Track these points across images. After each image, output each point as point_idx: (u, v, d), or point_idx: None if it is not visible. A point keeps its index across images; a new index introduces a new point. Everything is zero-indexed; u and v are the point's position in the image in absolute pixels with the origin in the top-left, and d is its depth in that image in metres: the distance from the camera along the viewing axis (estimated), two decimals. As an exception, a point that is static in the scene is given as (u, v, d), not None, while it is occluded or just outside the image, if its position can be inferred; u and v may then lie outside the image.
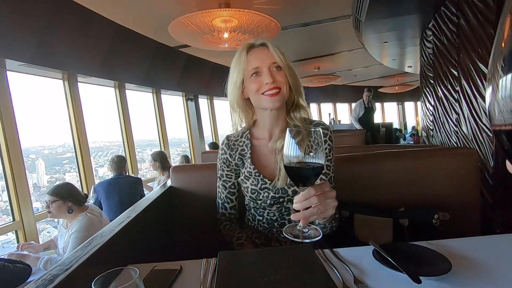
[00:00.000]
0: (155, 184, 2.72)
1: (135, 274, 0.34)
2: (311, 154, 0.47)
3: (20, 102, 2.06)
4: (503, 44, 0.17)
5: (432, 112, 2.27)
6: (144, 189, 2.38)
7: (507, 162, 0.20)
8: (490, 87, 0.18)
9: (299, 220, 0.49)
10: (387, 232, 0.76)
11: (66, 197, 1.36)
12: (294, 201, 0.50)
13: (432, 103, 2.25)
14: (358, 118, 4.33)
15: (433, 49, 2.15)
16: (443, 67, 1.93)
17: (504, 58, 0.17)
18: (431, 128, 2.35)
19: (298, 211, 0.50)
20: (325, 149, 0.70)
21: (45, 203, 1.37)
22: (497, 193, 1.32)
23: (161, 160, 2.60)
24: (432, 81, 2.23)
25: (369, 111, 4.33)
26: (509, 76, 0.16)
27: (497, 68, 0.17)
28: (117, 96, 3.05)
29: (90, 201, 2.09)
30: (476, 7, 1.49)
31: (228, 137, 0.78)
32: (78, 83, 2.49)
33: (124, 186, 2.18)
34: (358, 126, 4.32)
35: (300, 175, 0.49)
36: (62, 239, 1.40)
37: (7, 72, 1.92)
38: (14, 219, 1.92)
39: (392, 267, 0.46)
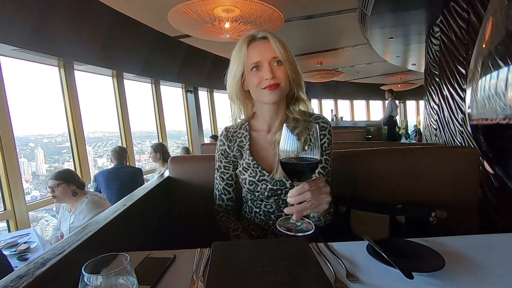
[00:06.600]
0: (155, 176, 2.73)
1: (126, 260, 0.34)
2: (307, 149, 0.47)
3: (16, 89, 2.02)
4: (484, 45, 0.17)
5: (437, 111, 2.23)
6: (144, 179, 2.39)
7: (485, 162, 0.20)
8: (470, 88, 0.18)
9: (293, 214, 0.49)
10: (384, 228, 0.76)
11: (70, 180, 1.40)
12: (288, 195, 0.50)
13: (437, 101, 2.21)
14: None
15: (440, 46, 2.10)
16: (450, 65, 1.88)
17: (484, 59, 0.17)
18: (435, 127, 2.32)
19: (292, 205, 0.49)
20: (324, 142, 0.70)
21: (49, 189, 1.40)
22: (501, 195, 1.30)
23: (162, 151, 2.60)
24: (437, 79, 2.19)
25: None
26: (487, 77, 0.17)
27: (477, 69, 0.18)
28: (115, 86, 3.01)
29: (91, 189, 2.10)
30: (488, 2, 1.44)
31: (227, 129, 0.77)
32: (75, 71, 2.44)
33: (124, 176, 2.19)
34: None
35: (295, 170, 0.49)
36: (66, 222, 1.43)
37: (0, 57, 1.87)
38: (5, 209, 1.89)
39: (385, 262, 0.46)
